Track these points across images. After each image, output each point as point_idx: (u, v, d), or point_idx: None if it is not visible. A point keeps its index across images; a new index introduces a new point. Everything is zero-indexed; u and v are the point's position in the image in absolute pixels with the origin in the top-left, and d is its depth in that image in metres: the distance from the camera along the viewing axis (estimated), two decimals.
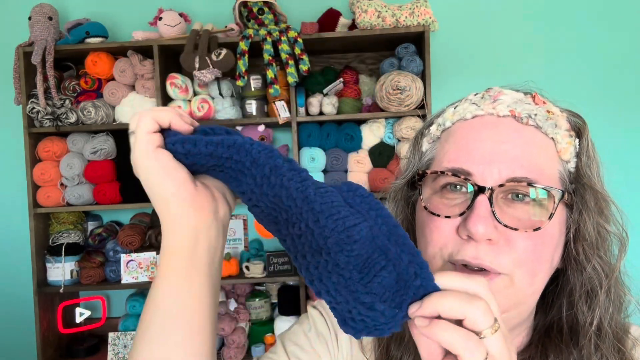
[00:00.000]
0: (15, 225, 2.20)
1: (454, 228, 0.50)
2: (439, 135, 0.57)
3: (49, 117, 1.92)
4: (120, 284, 1.97)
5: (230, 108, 1.96)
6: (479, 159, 0.50)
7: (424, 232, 0.53)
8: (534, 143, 0.51)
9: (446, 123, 0.56)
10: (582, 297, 0.52)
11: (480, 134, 0.52)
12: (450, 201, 0.51)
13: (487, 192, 0.48)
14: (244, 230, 2.25)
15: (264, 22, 1.91)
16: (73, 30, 1.93)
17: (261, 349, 1.94)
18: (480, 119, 0.53)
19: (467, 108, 0.54)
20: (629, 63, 2.17)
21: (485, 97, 0.54)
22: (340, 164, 1.97)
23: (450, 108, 0.57)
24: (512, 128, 0.51)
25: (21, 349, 2.18)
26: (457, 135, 0.54)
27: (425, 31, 1.86)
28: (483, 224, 0.46)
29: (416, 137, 0.61)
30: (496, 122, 0.52)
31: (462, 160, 0.51)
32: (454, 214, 0.50)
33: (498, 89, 0.55)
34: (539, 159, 0.50)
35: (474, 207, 0.48)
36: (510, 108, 0.52)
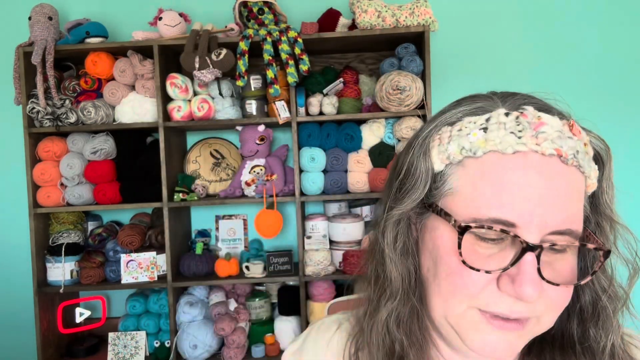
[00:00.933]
0: (15, 225, 2.20)
1: (492, 281, 0.47)
2: (461, 160, 0.49)
3: (49, 117, 1.92)
4: (120, 284, 1.97)
5: (230, 108, 1.96)
6: (527, 210, 0.45)
7: (452, 280, 0.49)
8: (575, 187, 0.48)
9: (477, 152, 0.48)
10: (594, 320, 0.53)
11: (527, 178, 0.46)
12: (486, 250, 0.47)
13: (535, 251, 0.45)
14: (244, 230, 2.25)
15: (264, 22, 1.91)
16: (73, 30, 1.93)
17: (261, 349, 1.94)
18: (523, 157, 0.46)
19: (506, 139, 0.47)
20: (629, 63, 2.17)
21: (522, 123, 0.47)
22: (340, 164, 1.97)
23: (477, 131, 0.49)
24: (558, 171, 0.47)
25: (21, 348, 2.19)
26: (495, 173, 0.47)
27: (425, 31, 1.86)
28: (535, 288, 0.44)
29: (418, 143, 0.53)
30: (542, 163, 0.46)
31: (506, 210, 0.45)
32: (494, 269, 0.46)
33: (533, 111, 0.48)
34: (579, 205, 0.48)
35: (522, 267, 0.45)
36: (556, 146, 0.46)
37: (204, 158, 2.17)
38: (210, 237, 2.25)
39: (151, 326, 2.02)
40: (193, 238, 2.21)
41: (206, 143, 2.20)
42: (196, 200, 1.99)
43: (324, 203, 2.17)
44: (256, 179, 1.97)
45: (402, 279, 0.54)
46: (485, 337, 0.48)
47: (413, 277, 0.55)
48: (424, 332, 0.56)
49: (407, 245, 0.55)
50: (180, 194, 1.95)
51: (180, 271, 2.02)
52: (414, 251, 0.56)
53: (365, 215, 2.09)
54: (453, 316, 0.50)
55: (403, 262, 0.55)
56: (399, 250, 0.55)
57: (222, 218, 2.26)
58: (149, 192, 1.96)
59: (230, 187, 2.02)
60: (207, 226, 2.26)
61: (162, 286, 1.97)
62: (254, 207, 2.23)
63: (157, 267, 1.99)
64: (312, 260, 1.92)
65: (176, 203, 1.95)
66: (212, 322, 1.92)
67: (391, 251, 0.55)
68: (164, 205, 1.94)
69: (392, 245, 0.55)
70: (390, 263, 0.54)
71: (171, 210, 1.97)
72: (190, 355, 1.89)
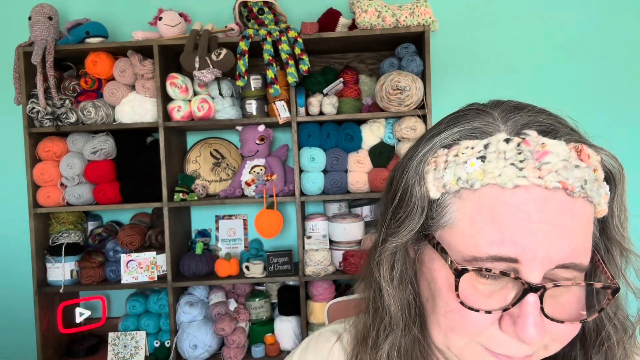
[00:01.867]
0: (15, 225, 2.20)
1: (494, 322, 0.45)
2: (458, 190, 0.46)
3: (49, 117, 1.92)
4: (120, 284, 1.97)
5: (230, 108, 1.96)
6: (529, 246, 0.42)
7: (451, 317, 0.46)
8: (583, 218, 0.44)
9: (474, 184, 0.44)
10: (596, 347, 0.51)
11: (529, 214, 0.43)
12: (486, 287, 0.45)
13: (539, 292, 0.42)
14: (244, 230, 2.25)
15: (264, 22, 1.91)
16: (73, 30, 1.93)
17: (261, 349, 1.94)
18: (524, 193, 0.43)
19: (505, 172, 0.43)
20: (630, 63, 2.17)
21: (524, 152, 0.43)
22: (340, 164, 1.97)
23: (474, 160, 0.45)
24: (563, 206, 0.43)
25: (21, 348, 2.19)
26: (495, 209, 0.44)
27: (425, 31, 1.86)
28: (537, 331, 0.42)
29: (413, 166, 0.50)
30: (545, 198, 0.43)
31: (508, 246, 0.43)
32: (495, 308, 0.44)
33: (536, 137, 0.44)
34: (586, 237, 0.45)
35: (524, 308, 0.42)
36: (560, 178, 0.42)
37: (204, 158, 2.17)
38: (210, 237, 2.25)
39: (151, 326, 2.02)
40: (193, 238, 2.21)
41: (206, 143, 2.20)
42: (196, 200, 1.99)
43: (324, 203, 2.17)
44: (256, 179, 1.97)
45: (401, 311, 0.52)
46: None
47: (413, 307, 0.52)
48: (427, 358, 0.54)
49: (405, 274, 0.52)
50: (180, 194, 1.95)
51: (180, 271, 2.02)
52: (412, 278, 0.53)
53: (365, 215, 2.09)
54: (455, 347, 0.48)
55: (401, 292, 0.52)
56: (396, 281, 0.52)
57: (222, 218, 2.26)
58: (149, 192, 1.96)
59: (230, 187, 2.02)
60: (207, 226, 2.26)
61: (162, 286, 1.97)
62: (254, 207, 2.23)
63: (157, 267, 1.99)
64: (312, 260, 1.92)
65: (176, 203, 1.95)
66: (212, 322, 1.92)
67: (388, 284, 0.52)
68: (164, 205, 1.94)
69: (389, 277, 0.52)
70: (388, 297, 0.52)
71: (171, 210, 1.97)
72: (190, 355, 1.89)
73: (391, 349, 0.52)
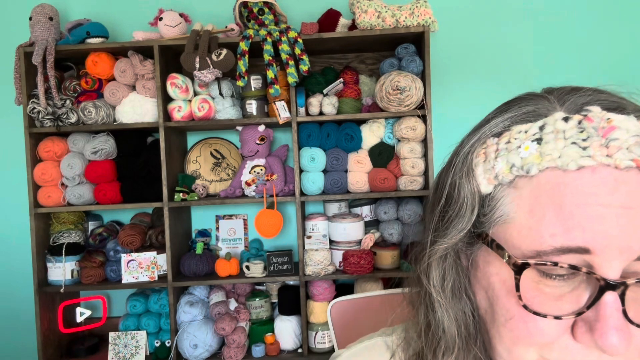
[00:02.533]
0: (16, 225, 2.20)
1: (565, 330, 0.38)
2: (513, 179, 0.41)
3: (49, 117, 1.92)
4: (121, 284, 1.97)
5: (230, 108, 1.96)
6: (600, 234, 0.36)
7: (513, 325, 0.40)
8: None
9: (530, 170, 0.39)
10: None
11: (598, 197, 0.36)
12: (554, 289, 0.38)
13: (619, 290, 0.36)
14: (244, 230, 2.25)
15: (264, 22, 1.91)
16: (74, 30, 1.93)
17: (261, 349, 1.94)
18: (591, 174, 0.37)
19: (567, 153, 0.38)
20: (630, 63, 2.18)
21: (587, 129, 0.38)
22: (340, 164, 1.98)
23: (529, 143, 0.40)
24: (637, 187, 0.37)
25: (22, 348, 2.19)
26: (557, 195, 0.37)
27: (425, 31, 1.86)
28: (620, 337, 0.35)
29: (460, 160, 0.45)
30: (617, 179, 0.37)
31: (576, 234, 0.36)
32: (565, 314, 0.37)
33: (599, 112, 0.39)
34: None
35: (602, 310, 0.36)
36: (633, 155, 0.36)
37: (205, 158, 2.18)
38: (211, 237, 2.25)
39: (151, 326, 2.02)
40: (193, 238, 2.22)
41: (206, 143, 2.20)
42: (196, 200, 2.00)
43: (324, 203, 2.18)
44: (256, 178, 1.97)
45: (457, 327, 0.46)
46: None
47: (471, 322, 0.46)
48: None
49: (458, 284, 0.46)
50: (181, 194, 1.96)
51: (180, 271, 2.02)
52: (467, 288, 0.46)
53: (365, 215, 2.09)
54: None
55: (456, 304, 0.46)
56: (449, 292, 0.46)
57: (222, 218, 2.26)
58: (149, 192, 1.97)
59: (231, 187, 2.02)
60: (208, 226, 2.27)
61: (163, 286, 1.98)
62: (254, 207, 2.24)
63: (158, 266, 1.99)
64: (312, 260, 1.92)
65: (176, 203, 1.95)
66: (213, 322, 1.93)
67: (439, 294, 0.46)
68: (165, 205, 1.94)
69: (440, 286, 0.46)
70: (441, 308, 0.46)
71: (171, 210, 1.97)
72: (191, 355, 1.89)
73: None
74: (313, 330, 1.95)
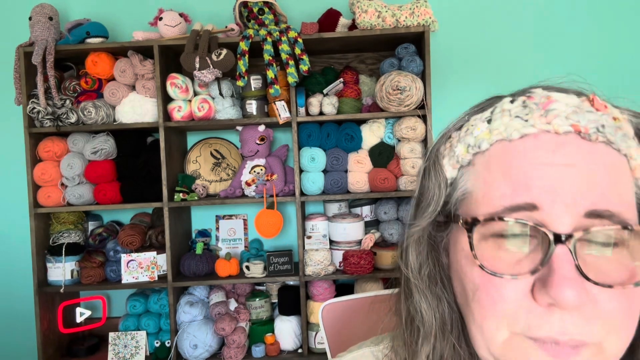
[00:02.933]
0: (16, 225, 2.20)
1: (524, 291, 0.38)
2: (471, 159, 0.44)
3: (49, 117, 1.92)
4: (121, 284, 1.97)
5: (230, 108, 1.96)
6: (545, 189, 0.38)
7: (478, 297, 0.41)
8: (609, 164, 0.39)
9: (481, 145, 0.43)
10: None
11: (539, 158, 0.39)
12: (513, 254, 0.39)
13: (567, 242, 0.36)
14: (244, 230, 2.25)
15: (264, 22, 1.91)
16: (73, 30, 1.93)
17: (261, 349, 1.94)
18: (533, 140, 0.40)
19: (511, 124, 0.41)
20: (630, 63, 2.17)
21: (529, 105, 0.42)
22: (340, 164, 1.98)
23: (480, 123, 0.44)
24: (578, 148, 0.39)
25: (22, 348, 2.19)
26: (504, 162, 0.41)
27: (426, 31, 1.86)
28: (573, 289, 0.35)
29: (430, 158, 0.49)
30: (556, 142, 0.39)
31: (521, 194, 0.38)
32: (522, 273, 0.38)
33: (541, 91, 0.43)
34: (619, 186, 0.39)
35: (554, 263, 0.37)
36: (571, 121, 0.39)
37: (204, 158, 2.18)
38: (211, 237, 2.25)
39: (151, 326, 2.02)
40: (193, 238, 2.22)
41: (206, 143, 2.20)
42: (196, 200, 2.00)
43: (324, 203, 2.18)
44: (256, 179, 1.97)
45: (434, 313, 0.47)
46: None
47: (447, 310, 0.47)
48: None
49: (436, 272, 0.48)
50: (181, 194, 1.96)
51: (180, 271, 2.02)
52: (445, 280, 0.48)
53: (365, 215, 2.09)
54: (496, 347, 0.40)
55: (433, 290, 0.47)
56: (426, 277, 0.48)
57: (222, 218, 2.26)
58: (149, 192, 1.97)
59: (231, 187, 2.02)
60: (208, 226, 2.27)
61: (163, 286, 1.98)
62: (254, 207, 2.24)
63: (158, 267, 1.99)
64: (312, 260, 1.92)
65: (176, 203, 1.95)
66: (213, 322, 1.93)
67: (416, 278, 0.48)
68: (165, 205, 1.94)
69: (418, 271, 0.48)
70: (418, 293, 0.48)
71: (171, 210, 1.97)
72: (191, 355, 1.89)
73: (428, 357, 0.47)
74: (313, 330, 1.95)
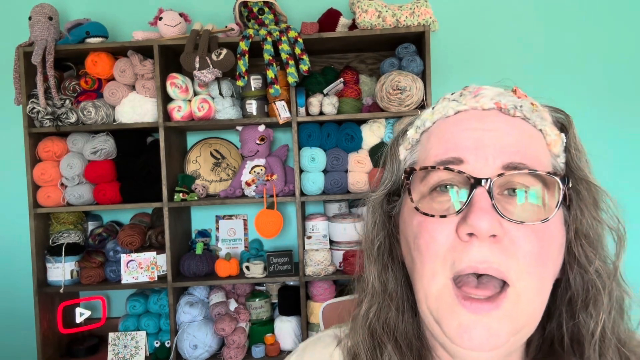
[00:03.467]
0: (15, 225, 2.20)
1: (452, 231, 0.45)
2: (419, 138, 0.53)
3: (49, 117, 1.91)
4: (121, 284, 1.97)
5: (230, 108, 1.96)
6: (470, 146, 0.46)
7: (417, 243, 0.47)
8: (525, 133, 0.48)
9: (426, 124, 0.52)
10: (584, 304, 0.48)
11: (467, 125, 0.48)
12: (444, 203, 0.47)
13: (485, 184, 0.43)
14: (244, 231, 2.25)
15: (264, 22, 1.91)
16: (73, 30, 1.93)
17: (261, 349, 1.94)
18: (463, 113, 0.50)
19: (448, 105, 0.51)
20: (629, 62, 2.17)
21: (464, 94, 0.52)
22: (340, 164, 1.97)
23: (427, 110, 0.54)
24: (500, 119, 0.48)
25: (21, 349, 2.19)
26: (440, 132, 0.50)
27: (426, 31, 1.86)
28: (486, 217, 0.42)
29: (391, 147, 0.57)
30: (482, 114, 0.49)
31: (450, 151, 0.47)
32: (450, 213, 0.45)
33: (475, 86, 0.53)
34: (533, 149, 0.47)
35: (473, 201, 0.44)
36: (494, 100, 0.49)
37: (204, 158, 2.17)
38: (211, 237, 2.25)
39: (151, 326, 2.02)
40: (193, 238, 2.21)
41: (206, 143, 2.20)
42: (196, 200, 1.99)
43: (324, 203, 2.17)
44: (256, 179, 1.97)
45: (380, 278, 0.55)
46: (461, 320, 0.44)
47: (392, 281, 0.55)
48: (421, 347, 0.54)
49: (387, 244, 0.55)
50: (181, 194, 1.95)
51: (180, 271, 2.02)
52: (395, 255, 0.55)
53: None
54: (432, 298, 0.46)
55: (382, 259, 0.55)
56: (377, 246, 0.55)
57: (222, 218, 2.26)
58: (149, 192, 1.96)
59: (231, 187, 2.02)
60: (207, 226, 2.26)
61: (162, 286, 1.97)
62: (254, 207, 2.23)
63: (157, 267, 1.99)
64: (312, 260, 1.92)
65: (176, 203, 1.95)
66: (212, 322, 1.92)
67: (369, 246, 0.55)
68: (164, 205, 1.94)
69: (371, 240, 0.55)
70: (369, 260, 0.55)
71: (171, 210, 1.97)
72: (191, 356, 1.89)
73: (368, 312, 0.55)
74: (313, 330, 1.95)
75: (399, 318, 0.54)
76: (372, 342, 0.54)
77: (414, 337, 0.53)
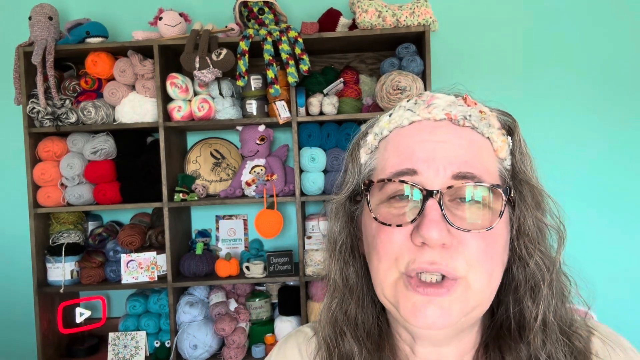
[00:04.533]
0: (15, 225, 2.20)
1: (406, 236, 0.49)
2: (377, 145, 0.57)
3: (49, 117, 1.91)
4: (121, 284, 1.96)
5: (230, 108, 1.96)
6: (422, 158, 0.50)
7: (375, 244, 0.52)
8: (474, 142, 0.52)
9: (383, 132, 0.56)
10: (526, 293, 0.53)
11: (420, 137, 0.52)
12: (399, 210, 0.50)
13: (436, 196, 0.48)
14: (244, 231, 2.25)
15: (264, 22, 1.91)
16: (73, 30, 1.93)
17: (261, 349, 1.94)
18: (417, 124, 0.53)
19: (403, 115, 0.55)
20: (628, 63, 2.17)
21: (418, 102, 0.55)
22: (340, 164, 1.97)
23: (385, 117, 0.57)
24: (450, 130, 0.52)
25: (21, 349, 2.19)
26: (396, 142, 0.54)
27: (426, 31, 1.86)
28: (436, 229, 0.46)
29: (352, 149, 0.60)
30: (434, 125, 0.52)
31: (405, 163, 0.51)
32: (405, 222, 0.49)
33: (429, 93, 0.56)
34: (481, 158, 0.51)
35: (425, 212, 0.47)
36: (445, 111, 0.52)
37: (204, 158, 2.17)
38: (211, 237, 2.25)
39: (151, 326, 2.01)
40: (193, 238, 2.21)
41: (206, 143, 2.20)
42: (196, 200, 1.99)
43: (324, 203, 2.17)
44: (256, 179, 1.97)
45: (342, 274, 0.59)
46: (414, 301, 0.48)
47: (353, 276, 0.59)
48: (383, 335, 0.59)
49: (349, 243, 0.59)
50: (181, 194, 1.95)
51: (180, 271, 2.02)
52: (356, 252, 0.59)
53: None
54: (388, 287, 0.51)
55: (343, 257, 0.59)
56: (339, 245, 0.59)
57: (222, 218, 2.26)
58: (149, 192, 1.96)
59: (231, 187, 2.02)
60: (208, 226, 2.26)
61: (162, 286, 1.97)
62: (254, 207, 2.23)
63: (157, 267, 1.99)
64: (312, 260, 1.92)
65: (176, 203, 1.95)
66: (212, 322, 1.92)
67: (332, 245, 0.60)
68: (164, 205, 1.94)
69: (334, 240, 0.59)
70: (331, 258, 0.60)
71: (171, 210, 1.97)
72: (191, 356, 1.89)
73: (337, 309, 0.59)
74: None
75: (360, 309, 0.58)
76: (334, 331, 0.59)
77: (373, 325, 0.59)
